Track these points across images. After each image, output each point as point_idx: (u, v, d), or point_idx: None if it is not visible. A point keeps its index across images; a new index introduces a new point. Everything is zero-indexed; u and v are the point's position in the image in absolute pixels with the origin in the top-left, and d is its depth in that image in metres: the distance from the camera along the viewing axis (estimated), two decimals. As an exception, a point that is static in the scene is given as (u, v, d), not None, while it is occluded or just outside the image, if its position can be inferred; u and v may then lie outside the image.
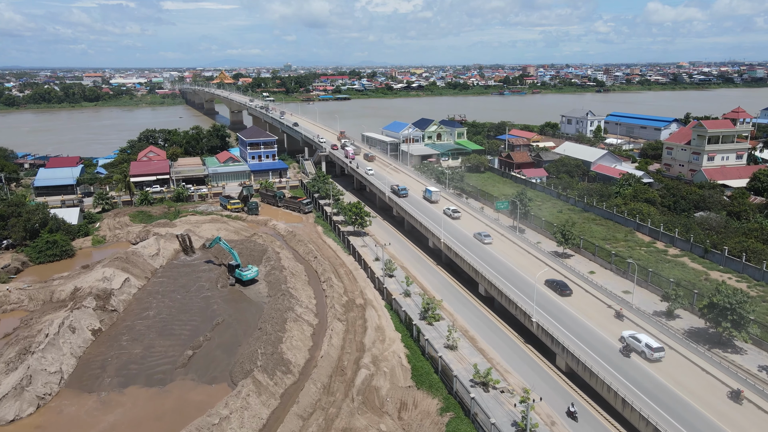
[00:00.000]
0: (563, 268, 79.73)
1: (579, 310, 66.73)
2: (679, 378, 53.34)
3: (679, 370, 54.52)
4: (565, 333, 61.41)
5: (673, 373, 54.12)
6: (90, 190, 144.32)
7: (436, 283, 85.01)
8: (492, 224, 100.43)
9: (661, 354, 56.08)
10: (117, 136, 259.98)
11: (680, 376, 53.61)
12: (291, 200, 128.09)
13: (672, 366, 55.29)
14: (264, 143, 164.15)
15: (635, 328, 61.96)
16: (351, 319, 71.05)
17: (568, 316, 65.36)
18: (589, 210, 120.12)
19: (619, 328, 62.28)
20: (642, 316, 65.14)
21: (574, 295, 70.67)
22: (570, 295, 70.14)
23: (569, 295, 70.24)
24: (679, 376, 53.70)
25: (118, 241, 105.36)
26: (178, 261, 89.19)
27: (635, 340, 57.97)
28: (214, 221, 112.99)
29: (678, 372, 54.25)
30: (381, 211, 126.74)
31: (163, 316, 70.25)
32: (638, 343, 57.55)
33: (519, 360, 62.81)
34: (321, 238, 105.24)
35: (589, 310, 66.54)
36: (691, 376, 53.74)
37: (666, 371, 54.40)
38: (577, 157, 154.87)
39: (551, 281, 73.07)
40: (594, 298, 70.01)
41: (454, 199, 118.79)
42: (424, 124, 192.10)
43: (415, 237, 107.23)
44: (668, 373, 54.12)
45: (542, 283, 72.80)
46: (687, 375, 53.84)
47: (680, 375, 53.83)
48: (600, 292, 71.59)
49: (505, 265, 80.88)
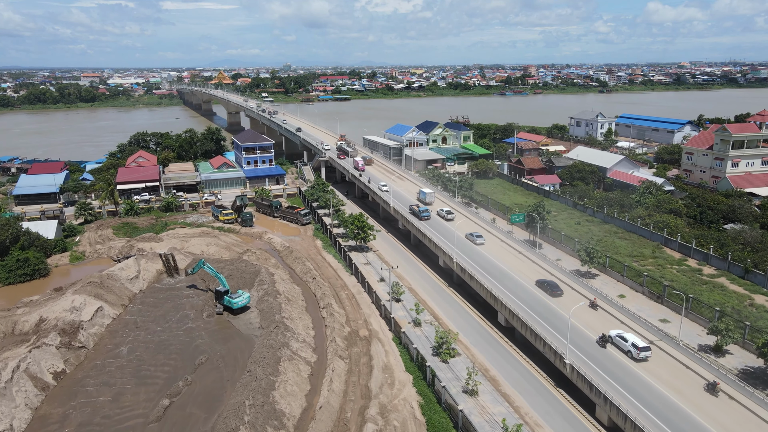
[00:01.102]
0: (590, 291, 70.80)
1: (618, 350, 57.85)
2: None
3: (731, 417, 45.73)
4: (607, 379, 52.48)
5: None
6: (74, 198, 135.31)
7: (448, 308, 76.10)
8: (507, 239, 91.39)
9: (648, 354, 55.05)
10: (111, 138, 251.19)
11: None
12: (288, 210, 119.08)
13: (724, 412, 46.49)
14: (260, 148, 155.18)
15: (688, 372, 53.13)
16: (354, 356, 62.12)
17: (608, 357, 56.46)
18: (610, 221, 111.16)
19: (680, 381, 53.25)
20: (690, 355, 56.23)
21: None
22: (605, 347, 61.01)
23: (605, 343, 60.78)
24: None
25: (99, 258, 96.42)
26: (161, 284, 79.94)
27: (621, 339, 57.44)
28: (204, 235, 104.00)
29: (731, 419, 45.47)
30: (385, 222, 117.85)
31: (139, 353, 61.18)
32: (624, 343, 56.88)
33: (551, 409, 53.84)
34: (320, 255, 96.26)
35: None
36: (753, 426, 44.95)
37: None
38: (592, 163, 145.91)
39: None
40: (633, 333, 61.07)
41: (462, 209, 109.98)
42: (428, 126, 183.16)
43: (423, 252, 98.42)
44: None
45: (574, 316, 63.92)
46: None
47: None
48: (637, 324, 62.67)
49: (527, 289, 71.95)
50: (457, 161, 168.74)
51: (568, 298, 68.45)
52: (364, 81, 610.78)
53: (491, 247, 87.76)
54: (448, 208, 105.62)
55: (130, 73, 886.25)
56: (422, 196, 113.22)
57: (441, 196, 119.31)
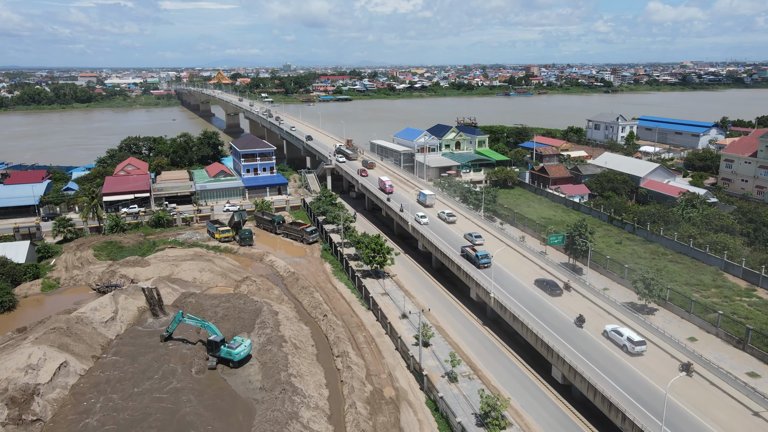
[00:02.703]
0: (653, 333, 58.32)
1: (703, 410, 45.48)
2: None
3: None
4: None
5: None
6: (56, 211, 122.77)
7: (486, 355, 63.66)
8: (543, 263, 78.74)
9: (643, 348, 54.25)
10: (105, 140, 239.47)
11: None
12: (292, 227, 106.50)
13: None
14: (261, 154, 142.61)
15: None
16: (380, 427, 49.66)
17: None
18: (653, 240, 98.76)
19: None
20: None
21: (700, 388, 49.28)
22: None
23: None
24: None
25: (76, 285, 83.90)
26: (143, 326, 67.05)
27: (617, 334, 56.67)
28: (197, 257, 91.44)
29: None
30: (400, 239, 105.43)
31: (110, 427, 48.64)
32: (620, 337, 56.17)
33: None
34: (330, 282, 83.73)
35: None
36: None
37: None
38: (623, 171, 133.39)
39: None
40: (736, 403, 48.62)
41: (483, 223, 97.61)
42: (440, 130, 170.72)
43: (446, 276, 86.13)
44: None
45: (668, 388, 51.58)
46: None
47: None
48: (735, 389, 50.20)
49: (580, 333, 59.52)
50: (473, 168, 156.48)
51: (649, 356, 55.76)
52: (365, 81, 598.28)
53: (525, 272, 75.33)
54: (449, 211, 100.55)
55: (129, 73, 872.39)
56: (422, 198, 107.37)
57: (460, 208, 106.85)
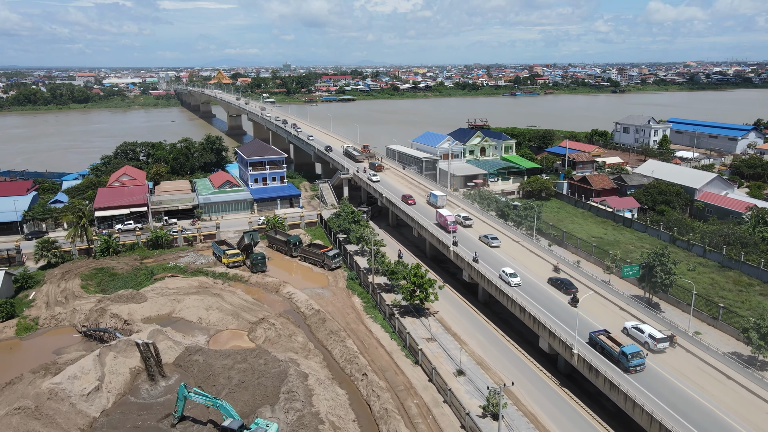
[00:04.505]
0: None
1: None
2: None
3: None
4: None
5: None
6: (41, 228, 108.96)
7: (568, 426, 50.05)
8: (613, 296, 65.07)
9: (665, 344, 51.91)
10: (101, 143, 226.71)
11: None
12: (311, 249, 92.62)
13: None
14: (270, 162, 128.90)
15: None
16: None
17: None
18: (730, 266, 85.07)
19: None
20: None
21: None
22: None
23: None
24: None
25: (59, 327, 70.25)
26: (137, 397, 52.38)
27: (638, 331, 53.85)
28: (202, 289, 77.65)
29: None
30: (434, 263, 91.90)
31: None
32: (641, 334, 53.58)
33: None
34: (363, 323, 70.02)
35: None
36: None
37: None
38: (674, 182, 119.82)
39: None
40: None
41: (530, 244, 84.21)
42: (463, 135, 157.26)
43: (496, 311, 72.76)
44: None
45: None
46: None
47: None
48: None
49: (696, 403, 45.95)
50: (500, 177, 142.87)
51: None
52: (368, 81, 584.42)
53: (607, 317, 61.67)
54: (465, 214, 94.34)
55: (128, 72, 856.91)
56: (433, 199, 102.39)
57: (498, 224, 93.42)
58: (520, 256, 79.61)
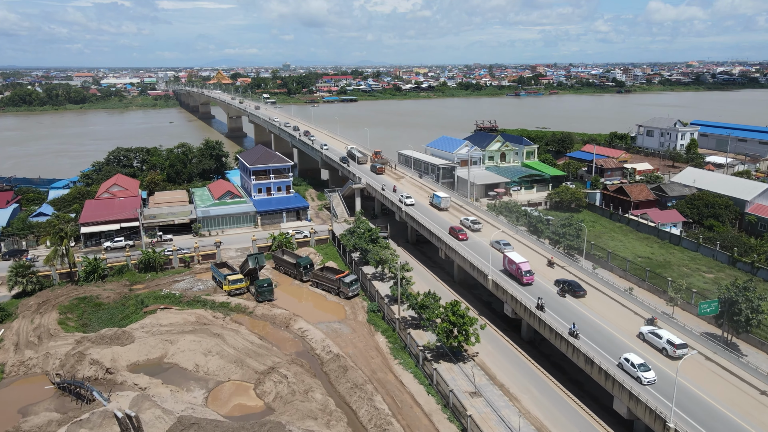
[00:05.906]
0: None
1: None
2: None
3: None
4: None
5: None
6: (21, 246, 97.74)
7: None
8: (695, 342, 53.75)
9: (684, 351, 48.58)
10: (95, 146, 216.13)
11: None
12: (325, 274, 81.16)
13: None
14: (275, 171, 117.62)
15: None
16: None
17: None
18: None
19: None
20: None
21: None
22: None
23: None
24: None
25: (28, 375, 58.97)
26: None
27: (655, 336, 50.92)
28: (200, 328, 66.30)
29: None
30: (464, 290, 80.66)
31: None
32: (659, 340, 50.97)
33: None
34: (391, 371, 58.76)
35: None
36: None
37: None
38: (720, 192, 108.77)
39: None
40: None
41: (577, 271, 72.66)
42: (482, 139, 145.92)
43: (544, 354, 61.68)
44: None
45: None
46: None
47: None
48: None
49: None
50: (523, 185, 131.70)
51: None
52: (370, 81, 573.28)
53: (704, 379, 50.40)
54: (474, 218, 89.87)
55: (127, 72, 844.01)
56: (436, 201, 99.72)
57: (528, 240, 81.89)
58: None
